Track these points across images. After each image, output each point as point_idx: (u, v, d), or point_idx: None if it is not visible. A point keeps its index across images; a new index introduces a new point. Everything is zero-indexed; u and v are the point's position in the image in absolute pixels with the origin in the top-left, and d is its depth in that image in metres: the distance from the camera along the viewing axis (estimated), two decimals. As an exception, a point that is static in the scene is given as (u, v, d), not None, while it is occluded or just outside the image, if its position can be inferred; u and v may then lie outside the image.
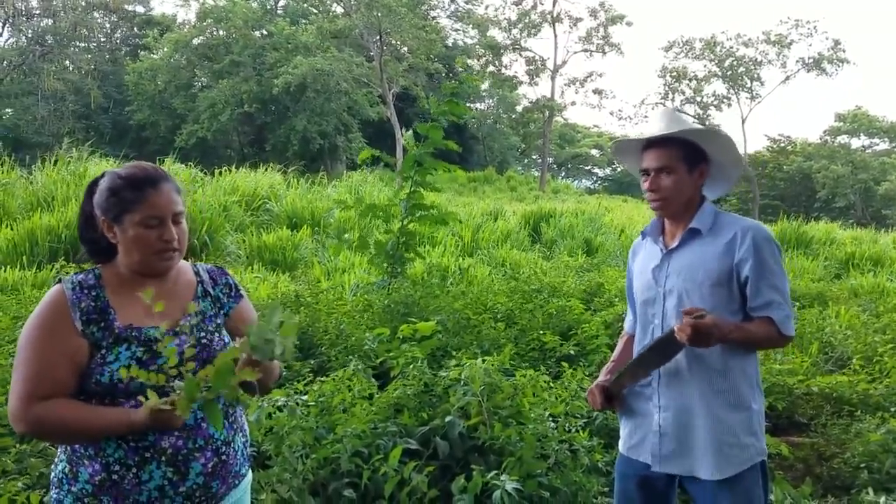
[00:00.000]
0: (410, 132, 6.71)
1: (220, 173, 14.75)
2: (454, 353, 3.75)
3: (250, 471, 1.88)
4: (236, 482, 1.77)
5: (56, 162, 12.75)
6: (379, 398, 3.45)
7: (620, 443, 2.36)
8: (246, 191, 13.23)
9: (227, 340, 1.77)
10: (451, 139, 6.87)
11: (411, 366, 3.63)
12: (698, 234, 2.19)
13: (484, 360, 3.60)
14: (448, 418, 3.31)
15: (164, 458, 1.61)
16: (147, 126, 34.38)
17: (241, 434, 1.79)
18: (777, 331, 2.08)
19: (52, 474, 1.69)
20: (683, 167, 2.18)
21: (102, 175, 1.73)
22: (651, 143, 2.23)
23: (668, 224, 2.29)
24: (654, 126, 2.27)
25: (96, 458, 1.60)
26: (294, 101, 32.38)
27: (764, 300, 2.08)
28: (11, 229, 9.21)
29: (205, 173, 14.81)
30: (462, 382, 3.48)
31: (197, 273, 1.85)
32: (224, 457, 1.71)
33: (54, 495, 1.65)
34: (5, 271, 7.70)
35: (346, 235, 7.01)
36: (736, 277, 2.10)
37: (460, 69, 30.08)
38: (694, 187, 2.21)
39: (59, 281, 1.68)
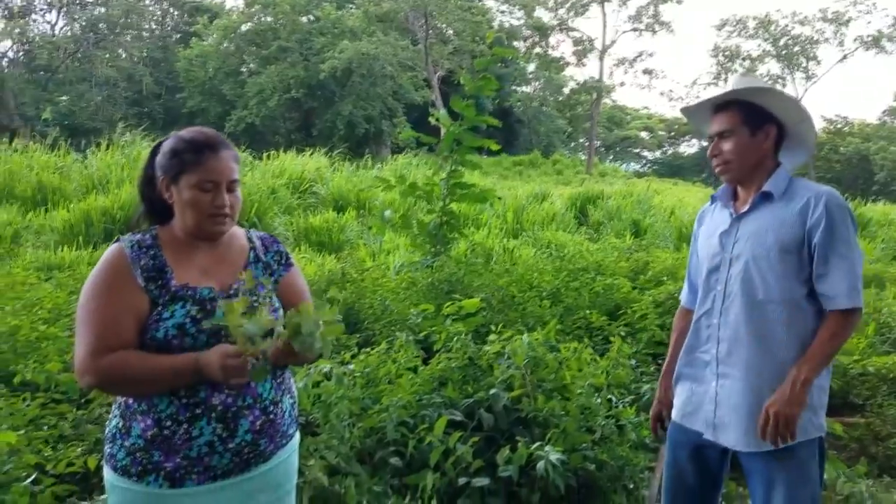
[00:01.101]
0: (443, 111, 6.68)
1: (269, 157, 14.96)
2: (495, 329, 3.74)
3: (298, 432, 1.90)
4: (284, 442, 1.80)
5: (110, 146, 13.10)
6: (423, 371, 3.48)
7: (674, 410, 2.33)
8: (293, 174, 13.41)
9: (276, 306, 1.80)
10: (493, 119, 6.80)
11: (455, 339, 3.64)
12: (770, 199, 2.12)
13: (528, 335, 3.59)
14: (492, 391, 3.32)
15: (213, 415, 1.64)
16: (198, 112, 34.93)
17: (288, 395, 1.83)
18: (840, 316, 2.00)
19: (106, 430, 1.74)
20: (745, 130, 2.11)
21: (168, 136, 1.79)
22: (716, 108, 2.18)
23: (740, 189, 2.22)
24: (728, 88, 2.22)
25: (149, 414, 1.64)
26: (340, 86, 32.55)
27: (829, 269, 2.01)
28: (67, 211, 9.51)
29: (254, 158, 15.05)
30: (505, 356, 3.48)
31: (250, 239, 1.88)
32: (272, 416, 1.74)
33: (108, 450, 1.70)
34: (62, 251, 7.96)
35: (388, 213, 7.01)
36: (807, 244, 2.03)
37: (492, 44, 29.73)
38: (760, 151, 2.13)
39: (118, 240, 1.73)
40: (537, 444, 2.97)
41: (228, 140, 1.80)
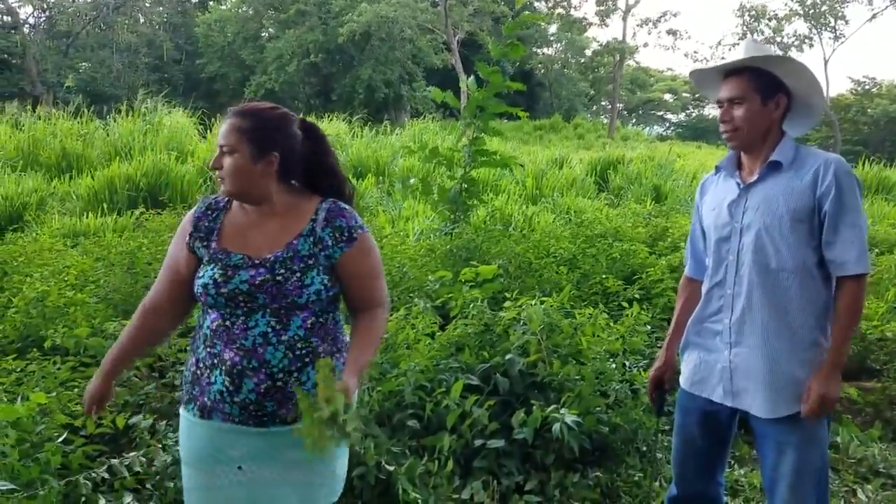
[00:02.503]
0: (471, 78, 6.63)
1: (288, 123, 14.95)
2: (509, 295, 3.78)
3: None
4: (294, 410, 1.76)
5: (131, 113, 13.18)
6: (440, 336, 3.54)
7: (682, 378, 2.38)
8: (313, 140, 13.40)
9: (308, 282, 1.78)
10: (515, 82, 6.75)
11: (471, 305, 3.69)
12: (779, 168, 2.13)
13: (542, 302, 3.63)
14: (508, 356, 3.38)
15: (224, 367, 1.79)
16: (217, 78, 34.95)
17: (307, 367, 1.79)
18: (852, 282, 2.04)
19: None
20: (757, 97, 2.11)
21: None
22: (727, 73, 2.18)
23: (745, 158, 2.23)
24: (735, 56, 2.22)
25: (194, 353, 1.88)
26: (359, 51, 32.34)
27: (839, 237, 2.04)
28: (92, 178, 9.63)
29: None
30: (521, 322, 3.52)
31: (316, 211, 1.86)
32: (280, 383, 1.77)
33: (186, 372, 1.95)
34: (87, 217, 8.09)
35: (412, 180, 7.03)
36: (817, 212, 2.06)
37: (520, 9, 29.26)
38: (769, 119, 2.14)
39: (204, 198, 1.98)
40: (552, 407, 3.03)
41: (249, 109, 1.85)
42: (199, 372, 1.84)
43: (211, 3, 36.04)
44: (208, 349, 1.82)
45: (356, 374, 1.77)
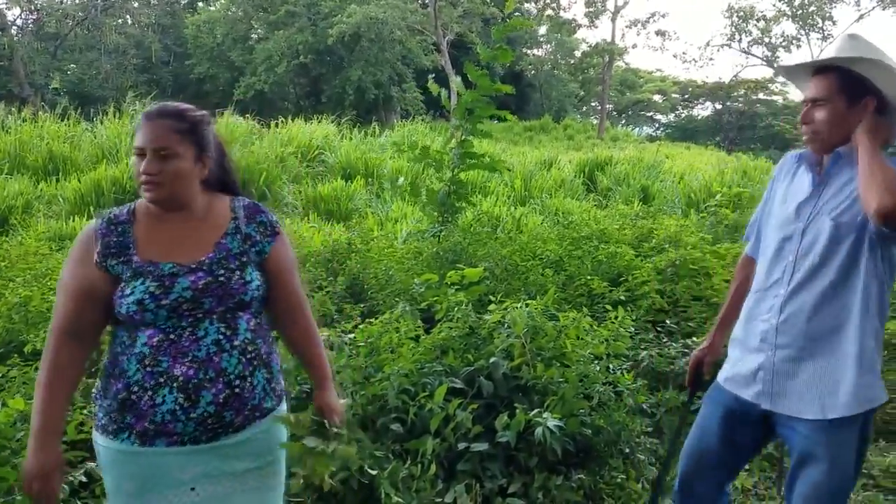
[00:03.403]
0: (459, 79, 6.65)
1: (277, 125, 14.96)
2: (494, 297, 3.80)
3: (283, 404, 1.90)
4: (257, 415, 1.79)
5: (119, 115, 13.13)
6: (425, 340, 3.54)
7: (721, 371, 2.31)
8: (301, 142, 13.41)
9: (248, 279, 1.79)
10: (506, 85, 6.77)
11: (456, 308, 3.70)
12: (840, 162, 2.02)
13: (527, 305, 3.64)
14: (492, 359, 3.38)
15: (175, 385, 1.68)
16: (207, 79, 34.81)
17: (263, 370, 1.81)
18: None
19: (94, 388, 1.82)
20: (842, 100, 1.98)
21: None
22: (815, 71, 2.05)
23: (826, 159, 2.09)
24: (826, 53, 2.09)
25: (120, 379, 1.71)
26: (349, 52, 32.30)
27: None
28: (78, 181, 9.58)
29: (263, 125, 15.05)
30: (505, 325, 3.53)
31: (233, 209, 1.87)
32: (237, 390, 1.74)
33: (95, 408, 1.80)
34: (73, 221, 8.05)
35: (400, 180, 7.04)
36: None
37: (511, 13, 29.30)
38: (853, 123, 1.98)
39: (99, 215, 1.81)
40: (535, 410, 3.04)
41: (174, 109, 1.80)
42: (133, 397, 1.68)
43: (200, 4, 35.90)
44: (148, 369, 1.68)
45: (334, 389, 1.92)
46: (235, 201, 1.90)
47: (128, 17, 36.49)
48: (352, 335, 3.40)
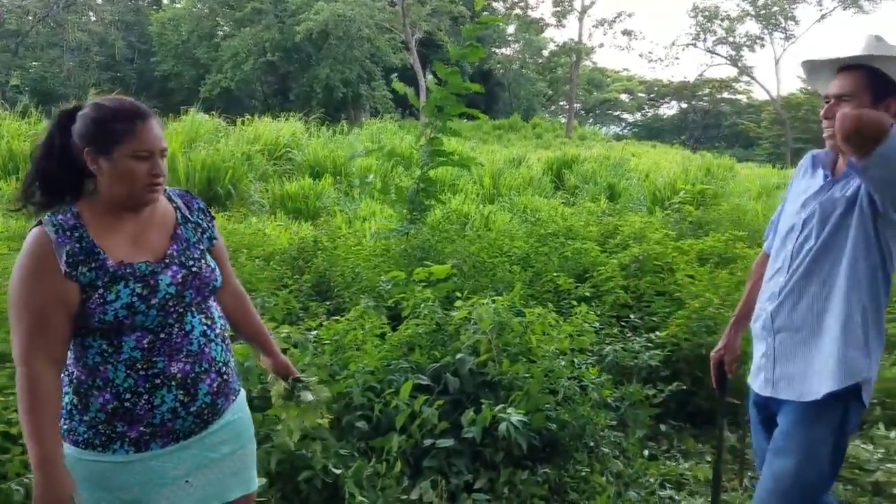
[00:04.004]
0: (431, 76, 6.67)
1: (243, 123, 14.81)
2: (461, 294, 3.81)
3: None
4: (234, 397, 1.88)
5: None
6: (391, 337, 3.54)
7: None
8: (268, 140, 13.27)
9: (212, 266, 1.82)
10: (475, 83, 6.77)
11: (422, 305, 3.69)
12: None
13: (494, 301, 3.65)
14: (458, 355, 3.39)
15: (174, 383, 1.68)
16: (171, 76, 34.37)
17: (231, 354, 1.89)
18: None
19: (65, 405, 1.71)
20: (867, 97, 1.97)
21: (77, 107, 1.72)
22: (840, 69, 2.05)
23: (842, 159, 2.11)
24: (852, 51, 2.07)
25: (105, 389, 1.65)
26: (317, 49, 32.09)
27: None
28: (40, 180, 9.38)
29: (229, 123, 14.88)
30: (472, 321, 3.54)
31: (170, 199, 1.84)
32: (225, 376, 1.81)
33: (64, 426, 1.69)
34: (33, 220, 7.87)
35: (370, 178, 7.02)
36: (865, 199, 1.95)
37: (480, 11, 29.36)
38: None
39: (39, 223, 1.64)
40: (501, 405, 3.05)
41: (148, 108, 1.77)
42: (127, 404, 1.65)
43: (165, 1, 35.40)
44: (140, 373, 1.65)
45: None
46: (166, 191, 1.85)
47: (91, 13, 35.89)
48: (316, 332, 3.38)
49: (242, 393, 1.94)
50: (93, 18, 35.65)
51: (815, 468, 2.02)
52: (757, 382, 2.19)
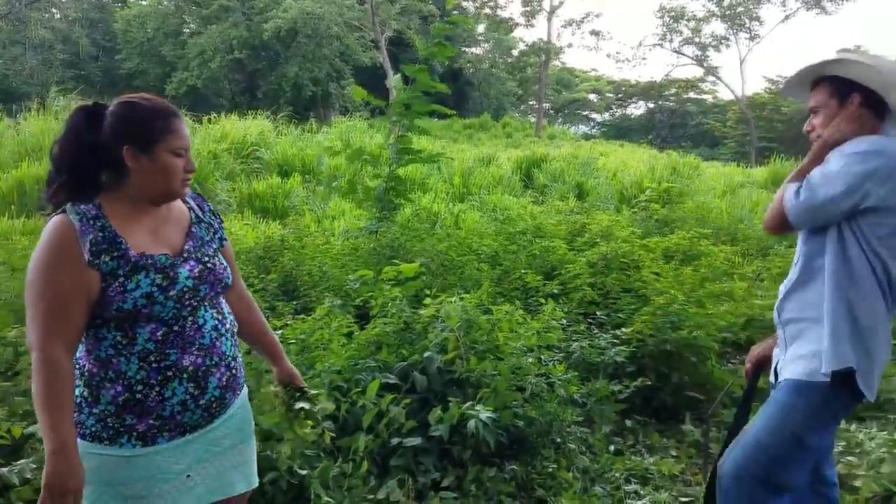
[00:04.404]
0: (398, 75, 6.63)
1: (210, 121, 14.64)
2: (429, 292, 3.80)
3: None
4: (239, 392, 1.91)
5: (44, 111, 12.62)
6: (359, 336, 3.52)
7: None
8: (235, 138, 13.14)
9: (225, 264, 1.89)
10: (445, 84, 6.77)
11: (390, 304, 3.68)
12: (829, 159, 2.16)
13: (462, 299, 3.66)
14: (426, 354, 3.38)
15: (185, 376, 1.72)
16: (137, 74, 33.88)
17: (238, 349, 1.93)
18: (784, 200, 2.10)
19: (77, 397, 1.72)
20: (833, 102, 2.16)
21: (99, 105, 1.75)
22: (813, 86, 2.23)
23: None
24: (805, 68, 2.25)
25: (118, 381, 1.68)
26: (285, 47, 31.84)
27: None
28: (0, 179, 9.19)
29: (196, 121, 14.69)
30: (440, 320, 3.54)
31: (184, 200, 1.91)
32: (233, 370, 1.85)
33: (75, 418, 1.68)
34: (-5, 220, 7.71)
35: (335, 183, 6.98)
36: None
37: (451, 10, 29.37)
38: (852, 120, 2.13)
39: (63, 211, 1.66)
40: (469, 403, 3.05)
41: None
42: (138, 395, 1.67)
43: (130, -2, 34.89)
44: (154, 365, 1.68)
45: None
46: None
47: (54, 11, 35.21)
48: (281, 332, 3.35)
49: (245, 388, 1.97)
50: (56, 16, 35.00)
51: (775, 433, 2.10)
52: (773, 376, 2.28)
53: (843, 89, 2.14)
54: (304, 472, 2.66)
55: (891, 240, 2.05)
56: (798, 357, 2.13)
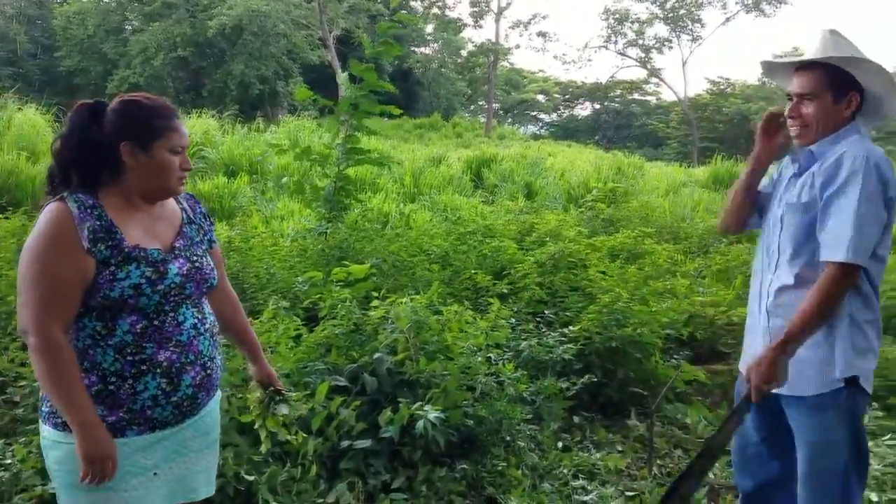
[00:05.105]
0: (346, 74, 6.61)
1: (154, 120, 14.28)
2: (378, 294, 3.80)
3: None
4: (213, 393, 1.92)
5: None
6: (307, 338, 3.50)
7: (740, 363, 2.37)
8: (180, 137, 12.86)
9: (212, 265, 1.92)
10: (395, 84, 6.75)
11: (340, 306, 3.67)
12: (813, 159, 2.12)
13: (412, 300, 3.66)
14: (376, 355, 3.38)
15: (159, 371, 1.73)
16: (77, 72, 32.95)
17: (218, 351, 1.94)
18: (831, 271, 1.97)
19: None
20: (829, 95, 2.08)
21: (100, 102, 1.79)
22: (799, 67, 2.13)
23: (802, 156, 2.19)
24: (809, 49, 2.14)
25: (92, 371, 1.70)
26: (230, 45, 31.33)
27: (826, 222, 2.01)
28: (-70, 180, 8.81)
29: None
30: (390, 321, 3.54)
31: (177, 200, 1.94)
32: (209, 371, 1.86)
33: (47, 409, 1.74)
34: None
35: (284, 180, 6.90)
36: (819, 202, 2.04)
37: (396, 8, 29.31)
38: (840, 118, 2.10)
39: (60, 199, 1.70)
40: (419, 403, 3.07)
41: None
42: (111, 387, 1.70)
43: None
44: (129, 358, 1.70)
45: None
46: None
47: (-12, 5, 33.92)
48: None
49: (219, 393, 1.98)
50: (-9, 11, 33.73)
51: (830, 453, 2.06)
52: None
53: (840, 84, 2.07)
54: (251, 478, 2.64)
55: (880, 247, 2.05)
56: (799, 371, 2.06)
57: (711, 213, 10.84)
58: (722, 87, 45.39)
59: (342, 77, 6.85)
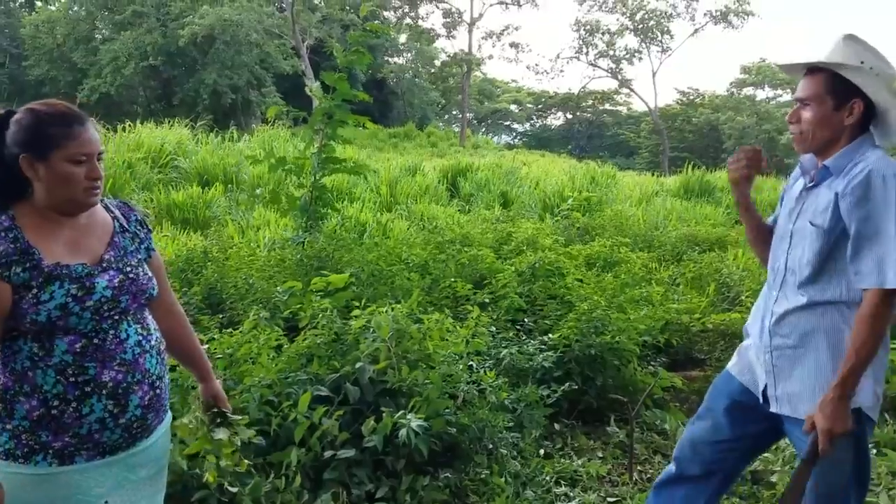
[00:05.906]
0: (318, 84, 6.63)
1: (125, 129, 14.15)
2: (359, 303, 3.80)
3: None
4: (163, 416, 1.85)
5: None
6: (288, 349, 3.48)
7: (731, 360, 2.34)
8: (152, 147, 12.71)
9: (149, 274, 1.83)
10: (369, 94, 6.77)
11: (320, 315, 3.66)
12: (828, 174, 2.03)
13: (393, 309, 3.66)
14: (358, 364, 3.37)
15: (104, 392, 1.65)
16: (46, 81, 32.53)
17: (166, 369, 1.86)
18: (875, 298, 1.90)
19: None
20: (829, 101, 2.00)
21: (8, 111, 1.69)
22: (808, 71, 2.06)
23: (818, 161, 2.11)
24: (821, 54, 2.07)
25: (33, 395, 1.61)
26: (202, 54, 31.13)
27: (860, 249, 1.92)
28: None
29: (109, 129, 14.17)
30: (371, 330, 3.54)
31: (108, 209, 1.84)
32: (157, 390, 1.78)
33: None
34: None
35: (259, 190, 6.87)
36: (840, 222, 1.96)
37: (367, 17, 29.41)
38: (839, 126, 2.01)
39: None
40: (401, 412, 3.06)
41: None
42: (54, 412, 1.61)
43: (38, 3, 33.40)
44: (71, 379, 1.62)
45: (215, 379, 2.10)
46: (104, 201, 1.85)
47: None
48: (207, 346, 3.27)
49: (169, 416, 1.90)
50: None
51: (838, 469, 2.04)
52: (754, 387, 2.19)
53: (842, 90, 2.00)
54: (234, 490, 2.61)
55: None
56: (803, 394, 2.04)
57: (684, 221, 10.99)
58: (691, 97, 46.16)
59: (315, 87, 6.85)
